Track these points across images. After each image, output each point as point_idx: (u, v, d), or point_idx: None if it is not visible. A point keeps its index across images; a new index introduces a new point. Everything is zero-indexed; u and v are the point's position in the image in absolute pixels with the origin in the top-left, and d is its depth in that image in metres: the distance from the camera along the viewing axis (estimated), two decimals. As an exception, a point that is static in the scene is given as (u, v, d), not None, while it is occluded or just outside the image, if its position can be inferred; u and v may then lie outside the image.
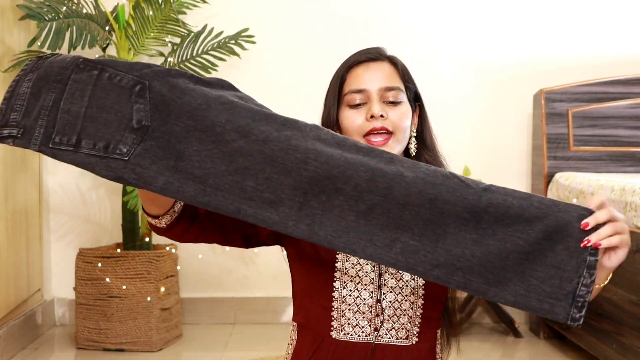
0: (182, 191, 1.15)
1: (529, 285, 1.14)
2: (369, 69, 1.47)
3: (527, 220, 1.15)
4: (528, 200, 1.16)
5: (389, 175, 1.16)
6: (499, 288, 1.15)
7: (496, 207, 1.15)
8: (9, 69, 2.86)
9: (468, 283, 1.15)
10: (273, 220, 1.16)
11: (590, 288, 1.15)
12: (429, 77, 3.45)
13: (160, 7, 3.00)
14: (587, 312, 1.15)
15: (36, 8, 2.86)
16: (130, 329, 2.99)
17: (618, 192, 2.51)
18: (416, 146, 1.52)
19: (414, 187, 1.16)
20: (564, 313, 1.14)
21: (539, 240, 1.14)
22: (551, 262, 1.15)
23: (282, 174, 1.16)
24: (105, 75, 1.18)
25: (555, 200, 1.17)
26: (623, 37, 3.47)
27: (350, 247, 1.15)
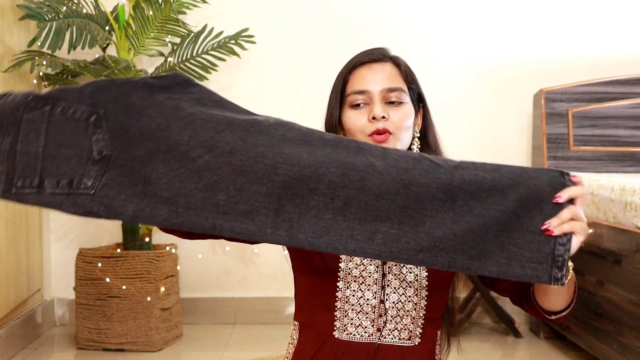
0: (154, 216, 1.14)
1: (509, 253, 1.16)
2: (371, 70, 1.48)
3: (500, 191, 1.16)
4: (498, 171, 1.17)
5: (360, 167, 1.15)
6: (481, 261, 1.16)
7: (469, 183, 1.16)
8: (9, 69, 2.86)
9: (452, 262, 1.15)
10: (251, 231, 1.14)
11: (568, 246, 1.16)
12: (429, 77, 3.44)
13: (160, 7, 3.01)
14: (587, 312, 1.16)
15: (36, 8, 2.86)
16: (130, 329, 3.00)
17: (618, 192, 2.51)
18: (419, 147, 1.52)
19: (387, 175, 1.15)
20: (546, 275, 1.16)
21: (515, 209, 1.16)
22: (528, 227, 1.16)
23: (254, 182, 1.14)
24: (57, 110, 1.16)
25: (525, 167, 1.19)
26: (623, 37, 3.47)
27: (332, 246, 1.15)
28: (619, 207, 2.47)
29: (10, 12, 3.02)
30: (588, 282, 2.69)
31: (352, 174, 1.15)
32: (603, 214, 2.63)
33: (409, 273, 1.42)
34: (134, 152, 1.15)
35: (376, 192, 1.15)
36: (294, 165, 1.15)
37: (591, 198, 2.74)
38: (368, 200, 1.14)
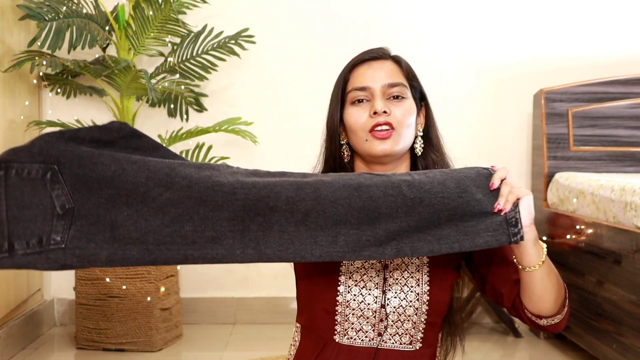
0: (127, 257, 1.19)
1: (466, 230, 1.27)
2: (371, 67, 1.48)
3: (439, 182, 1.28)
4: (431, 172, 1.32)
5: (311, 182, 1.25)
6: (441, 243, 1.26)
7: (412, 178, 1.28)
8: (9, 69, 2.86)
9: (414, 249, 1.25)
10: (221, 254, 1.21)
11: (517, 207, 1.28)
12: (429, 77, 3.42)
13: (160, 7, 3.00)
14: (587, 312, 1.17)
15: (36, 8, 2.86)
16: (130, 329, 3.00)
17: (618, 192, 2.51)
18: (422, 146, 1.51)
19: (337, 183, 1.25)
20: (505, 236, 1.27)
21: (460, 194, 1.27)
22: (478, 209, 1.28)
23: (216, 210, 1.21)
24: (11, 172, 1.18)
25: (453, 169, 1.37)
26: (623, 37, 3.47)
27: (299, 255, 1.22)
28: (619, 207, 2.47)
29: (10, 12, 3.02)
30: (588, 282, 2.69)
31: (306, 187, 1.23)
32: (603, 214, 2.63)
33: (410, 277, 1.41)
34: (96, 200, 1.19)
35: (331, 199, 1.23)
36: (250, 188, 1.22)
37: (591, 198, 2.74)
38: (325, 207, 1.23)
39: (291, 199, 1.21)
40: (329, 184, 1.24)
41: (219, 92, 3.45)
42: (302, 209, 1.22)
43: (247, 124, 3.10)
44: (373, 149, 1.43)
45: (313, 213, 1.22)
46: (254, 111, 3.40)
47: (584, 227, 2.75)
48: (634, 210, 2.36)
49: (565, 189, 3.01)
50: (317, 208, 1.22)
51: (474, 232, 1.26)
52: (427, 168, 1.51)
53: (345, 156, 1.51)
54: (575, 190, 2.91)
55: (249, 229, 1.21)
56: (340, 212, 1.23)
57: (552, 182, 3.18)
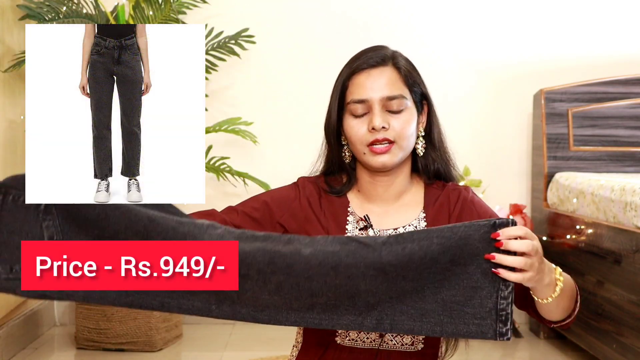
0: (104, 297, 1.20)
1: (452, 311, 1.18)
2: (370, 77, 1.46)
3: (432, 259, 1.17)
4: (428, 239, 1.18)
5: (287, 254, 1.19)
6: (423, 322, 1.19)
7: (398, 257, 1.18)
8: (9, 69, 2.86)
9: (394, 324, 1.20)
10: (197, 307, 1.21)
11: (509, 299, 1.18)
12: (429, 77, 3.40)
13: (160, 7, 3.01)
14: (587, 312, 1.16)
15: (36, 8, 2.86)
16: (130, 329, 3.00)
17: (618, 192, 2.51)
18: (424, 146, 1.51)
19: (314, 260, 1.19)
20: (491, 331, 1.18)
21: (449, 267, 1.17)
22: (468, 284, 1.18)
23: None
24: (9, 198, 1.21)
25: (455, 227, 1.19)
26: (623, 37, 3.47)
27: (274, 318, 1.21)
28: (619, 207, 2.47)
29: (10, 12, 3.02)
30: (588, 282, 2.69)
31: (279, 261, 1.19)
32: (603, 214, 2.63)
33: None
34: (83, 237, 1.21)
35: (305, 275, 1.19)
36: None
37: (591, 198, 2.74)
38: (299, 282, 1.19)
39: (262, 271, 1.19)
40: (305, 260, 1.19)
41: (219, 92, 3.45)
42: (274, 280, 1.19)
43: (247, 124, 3.10)
44: (371, 162, 1.45)
45: (286, 285, 1.19)
46: (254, 111, 3.40)
47: (584, 227, 2.75)
48: (634, 210, 2.36)
49: (565, 189, 3.01)
50: (290, 281, 1.19)
51: (460, 315, 1.18)
52: (427, 167, 1.51)
53: (347, 157, 1.52)
54: (575, 190, 2.91)
55: (224, 292, 1.20)
56: (316, 287, 1.19)
57: (552, 182, 3.18)
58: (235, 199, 3.69)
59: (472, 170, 3.39)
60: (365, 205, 1.51)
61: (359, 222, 1.49)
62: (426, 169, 1.51)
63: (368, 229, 1.47)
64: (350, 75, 1.48)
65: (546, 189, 3.22)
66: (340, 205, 1.50)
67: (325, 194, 1.51)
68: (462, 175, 1.60)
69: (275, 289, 1.19)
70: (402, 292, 1.18)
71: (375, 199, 1.50)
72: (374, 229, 1.47)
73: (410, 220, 1.49)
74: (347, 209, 1.50)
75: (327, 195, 1.51)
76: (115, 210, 1.21)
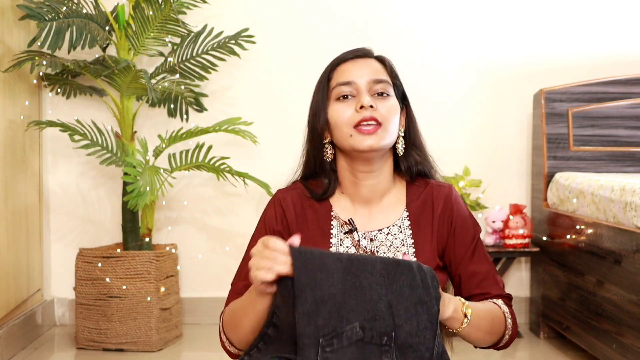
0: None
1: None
2: (356, 64, 1.48)
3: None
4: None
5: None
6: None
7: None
8: (9, 69, 2.86)
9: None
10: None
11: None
12: (429, 77, 3.45)
13: (160, 7, 3.00)
14: (587, 312, 1.18)
15: (36, 8, 2.86)
16: (130, 329, 3.00)
17: (618, 192, 2.51)
18: (404, 146, 1.52)
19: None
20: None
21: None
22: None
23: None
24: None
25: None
26: (623, 37, 3.47)
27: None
28: (619, 207, 2.47)
29: (10, 12, 3.02)
30: (588, 282, 2.69)
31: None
32: (603, 214, 2.63)
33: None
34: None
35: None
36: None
37: (591, 198, 2.74)
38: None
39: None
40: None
41: (219, 92, 3.45)
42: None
43: (247, 124, 3.10)
44: (358, 144, 1.43)
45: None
46: (254, 111, 3.40)
47: (584, 227, 2.75)
48: (634, 210, 2.36)
49: (565, 189, 3.01)
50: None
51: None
52: (409, 168, 1.52)
53: (328, 155, 1.52)
54: (575, 190, 2.91)
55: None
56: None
57: (552, 182, 3.18)
58: (235, 199, 3.72)
59: (472, 170, 3.39)
60: (349, 208, 1.51)
61: (344, 226, 1.49)
62: (409, 169, 1.52)
63: (353, 232, 1.47)
64: (334, 66, 1.50)
65: (546, 189, 3.22)
66: (323, 211, 1.51)
67: (308, 199, 1.52)
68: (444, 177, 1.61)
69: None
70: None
71: (359, 200, 1.51)
72: (358, 232, 1.47)
73: (394, 221, 1.50)
74: (331, 213, 1.51)
75: (309, 201, 1.52)
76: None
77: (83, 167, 3.46)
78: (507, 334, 1.47)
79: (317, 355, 1.20)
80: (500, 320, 1.45)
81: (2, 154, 2.91)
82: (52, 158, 3.45)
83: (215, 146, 3.25)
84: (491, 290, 1.49)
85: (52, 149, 3.44)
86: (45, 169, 3.42)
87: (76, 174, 3.46)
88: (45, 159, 3.42)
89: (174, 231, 3.47)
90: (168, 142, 3.09)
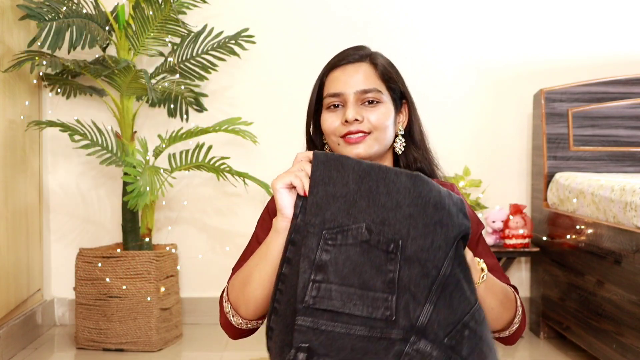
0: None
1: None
2: (345, 72, 1.48)
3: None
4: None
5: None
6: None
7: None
8: (9, 69, 2.86)
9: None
10: None
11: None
12: (429, 77, 3.45)
13: (160, 7, 3.00)
14: (587, 312, 1.17)
15: (36, 8, 2.86)
16: (130, 329, 3.00)
17: (618, 192, 2.51)
18: (403, 145, 1.52)
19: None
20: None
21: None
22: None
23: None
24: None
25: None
26: (623, 37, 3.47)
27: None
28: (619, 207, 2.47)
29: (10, 12, 3.02)
30: (588, 282, 2.69)
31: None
32: (603, 214, 2.63)
33: None
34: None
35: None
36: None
37: (591, 198, 2.74)
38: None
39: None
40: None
41: (219, 92, 3.45)
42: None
43: (247, 124, 3.10)
44: (347, 153, 1.46)
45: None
46: (254, 111, 3.40)
47: (584, 227, 2.75)
48: (634, 210, 2.36)
49: (565, 189, 3.01)
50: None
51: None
52: (409, 166, 1.53)
53: None
54: (575, 190, 2.91)
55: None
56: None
57: (552, 182, 3.18)
58: (235, 199, 3.72)
59: (472, 170, 3.39)
60: None
61: None
62: (408, 168, 1.53)
63: None
64: (327, 72, 1.51)
65: (546, 189, 3.22)
66: None
67: None
68: (445, 177, 1.61)
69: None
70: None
71: None
72: None
73: None
74: None
75: None
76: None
77: (83, 167, 3.46)
78: (518, 315, 1.45)
79: (319, 246, 1.21)
80: (511, 296, 1.43)
81: (2, 154, 2.91)
82: (52, 158, 3.45)
83: (215, 146, 3.25)
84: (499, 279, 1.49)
85: (52, 149, 3.44)
86: (45, 169, 3.42)
87: (76, 174, 3.46)
88: (45, 159, 3.42)
89: (174, 231, 3.47)
90: (168, 142, 3.09)
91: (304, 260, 1.21)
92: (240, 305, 1.37)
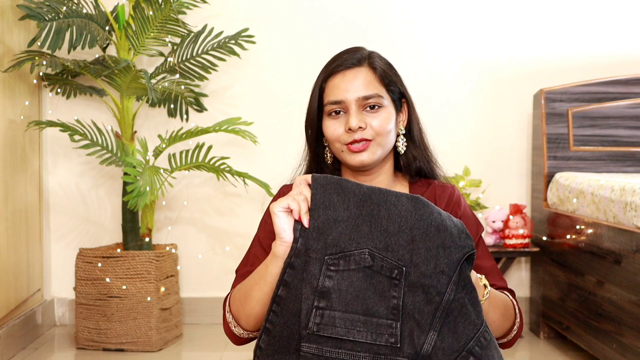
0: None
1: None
2: (345, 79, 1.48)
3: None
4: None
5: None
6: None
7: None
8: (9, 69, 2.86)
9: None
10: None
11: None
12: (429, 78, 3.45)
13: (160, 7, 3.00)
14: (587, 312, 1.18)
15: (36, 8, 2.86)
16: (130, 329, 3.00)
17: (618, 192, 2.51)
18: (405, 144, 1.53)
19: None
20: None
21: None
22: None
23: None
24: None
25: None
26: (623, 37, 3.47)
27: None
28: (619, 207, 2.47)
29: (10, 12, 3.02)
30: (588, 282, 2.69)
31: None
32: (603, 214, 2.63)
33: None
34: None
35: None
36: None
37: (591, 198, 2.74)
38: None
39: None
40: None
41: (219, 92, 3.44)
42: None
43: (247, 124, 3.10)
44: (350, 160, 1.47)
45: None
46: (254, 111, 3.40)
47: (584, 227, 2.75)
48: (634, 210, 2.36)
49: (565, 189, 3.01)
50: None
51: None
52: (408, 165, 1.54)
53: (328, 158, 1.55)
54: (575, 190, 2.91)
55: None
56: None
57: (552, 182, 3.18)
58: (235, 199, 3.71)
59: (472, 170, 3.39)
60: None
61: None
62: (408, 166, 1.54)
63: None
64: (326, 77, 1.51)
65: (546, 189, 3.22)
66: None
67: None
68: (445, 176, 1.61)
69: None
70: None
71: None
72: None
73: None
74: None
75: None
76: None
77: (83, 167, 3.46)
78: (516, 323, 1.47)
79: (321, 272, 1.20)
80: (510, 306, 1.45)
81: (2, 154, 2.91)
82: (52, 158, 3.45)
83: (215, 146, 3.25)
84: (496, 283, 1.50)
85: (52, 149, 3.44)
86: (45, 169, 3.42)
87: (76, 174, 3.46)
88: (45, 159, 3.42)
89: (174, 231, 3.47)
90: (168, 142, 3.09)
91: (306, 286, 1.21)
92: (241, 317, 1.39)
